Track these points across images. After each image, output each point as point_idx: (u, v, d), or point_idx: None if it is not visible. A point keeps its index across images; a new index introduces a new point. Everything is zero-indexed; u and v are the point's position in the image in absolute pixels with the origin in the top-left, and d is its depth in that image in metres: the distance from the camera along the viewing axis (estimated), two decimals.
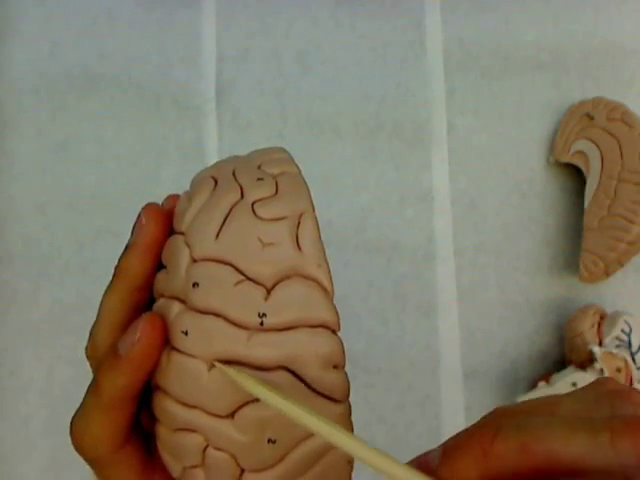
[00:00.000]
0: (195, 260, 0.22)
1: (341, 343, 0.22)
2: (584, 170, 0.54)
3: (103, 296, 0.25)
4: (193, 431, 0.22)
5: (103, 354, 0.23)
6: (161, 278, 0.24)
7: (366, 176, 0.56)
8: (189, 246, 0.23)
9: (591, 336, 0.51)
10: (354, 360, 0.54)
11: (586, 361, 0.50)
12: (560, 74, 0.58)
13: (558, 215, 0.57)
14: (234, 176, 0.24)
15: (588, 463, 0.18)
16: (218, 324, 0.21)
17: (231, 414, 0.22)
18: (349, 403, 0.23)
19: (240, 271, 0.22)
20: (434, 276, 0.55)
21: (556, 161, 0.56)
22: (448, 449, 0.20)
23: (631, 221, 0.50)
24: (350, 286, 0.55)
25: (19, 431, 0.53)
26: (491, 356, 0.55)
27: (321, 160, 0.56)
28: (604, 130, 0.53)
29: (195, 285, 0.22)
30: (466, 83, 0.57)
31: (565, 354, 0.53)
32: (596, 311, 0.52)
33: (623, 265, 0.52)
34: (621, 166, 0.52)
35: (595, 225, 0.52)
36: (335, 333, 0.22)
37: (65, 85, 0.56)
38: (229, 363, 0.21)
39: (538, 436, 0.18)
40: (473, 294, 0.55)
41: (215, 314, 0.22)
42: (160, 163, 0.56)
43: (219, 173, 0.24)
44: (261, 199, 0.23)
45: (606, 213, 0.52)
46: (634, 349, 0.50)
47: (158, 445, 0.24)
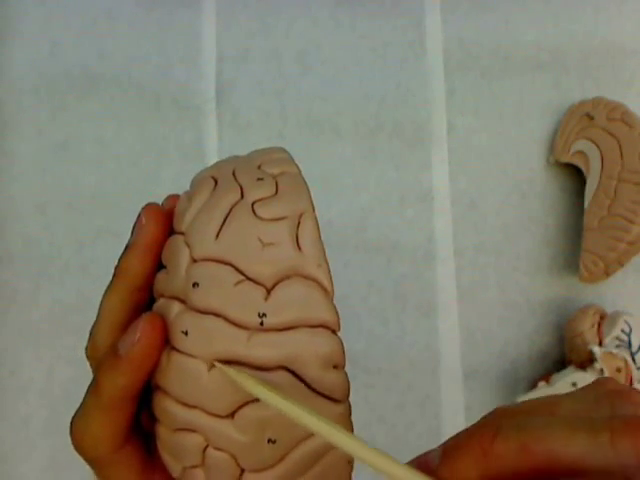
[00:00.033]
0: (195, 260, 0.22)
1: (341, 343, 0.22)
2: (584, 170, 0.54)
3: (103, 296, 0.25)
4: (193, 431, 0.22)
5: (103, 354, 0.24)
6: (161, 278, 0.24)
7: (366, 176, 0.56)
8: (189, 246, 0.23)
9: (591, 336, 0.51)
10: (354, 360, 0.54)
11: (586, 361, 0.50)
12: (560, 74, 0.58)
13: (558, 215, 0.57)
14: (234, 176, 0.24)
15: (588, 463, 0.18)
16: (218, 324, 0.21)
17: (231, 414, 0.22)
18: (349, 403, 0.23)
19: (240, 271, 0.22)
20: (434, 276, 0.55)
21: (556, 161, 0.56)
22: (448, 449, 0.20)
23: (631, 221, 0.50)
24: (350, 286, 0.55)
25: (19, 431, 0.53)
26: (491, 356, 0.55)
27: (321, 160, 0.56)
28: (604, 130, 0.53)
29: (195, 285, 0.22)
30: (466, 83, 0.57)
31: (565, 354, 0.53)
32: (596, 311, 0.52)
33: (623, 265, 0.52)
34: (621, 166, 0.52)
35: (595, 225, 0.52)
36: (335, 333, 0.22)
37: (65, 85, 0.56)
38: (229, 363, 0.21)
39: (538, 436, 0.18)
40: (473, 294, 0.55)
41: (215, 314, 0.22)
42: (160, 163, 0.56)
43: (219, 173, 0.24)
44: (261, 199, 0.23)
45: (606, 213, 0.52)
46: (634, 349, 0.50)
47: (158, 445, 0.24)
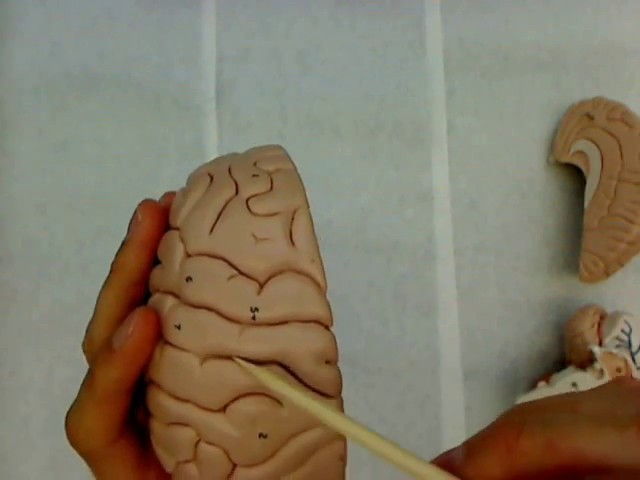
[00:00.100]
0: (189, 255, 0.23)
1: (334, 338, 0.22)
2: (584, 170, 0.54)
3: (100, 291, 0.25)
4: (185, 425, 0.22)
5: (98, 348, 0.24)
6: (156, 273, 0.24)
7: (366, 176, 0.56)
8: (184, 241, 0.23)
9: (591, 336, 0.50)
10: (354, 360, 0.54)
11: (586, 361, 0.50)
12: (560, 74, 0.58)
13: (558, 215, 0.56)
14: (230, 172, 0.24)
15: (614, 461, 0.17)
16: (211, 318, 0.21)
17: (223, 408, 0.22)
18: (341, 398, 0.23)
19: (233, 266, 0.22)
20: (434, 276, 0.55)
21: (556, 161, 0.56)
22: (471, 447, 0.20)
23: (631, 221, 0.50)
24: (350, 286, 0.55)
25: (19, 431, 0.53)
26: (491, 356, 0.55)
27: (321, 160, 0.56)
28: (604, 130, 0.53)
29: (189, 279, 0.22)
30: (466, 83, 0.57)
31: (565, 354, 0.53)
32: (596, 311, 0.52)
33: (623, 265, 0.51)
34: (621, 166, 0.51)
35: (595, 225, 0.52)
36: (328, 328, 0.22)
37: (65, 85, 0.56)
38: (222, 357, 0.21)
39: (564, 432, 0.18)
40: (473, 294, 0.55)
41: (208, 308, 0.22)
42: (160, 163, 0.56)
43: (215, 170, 0.25)
44: (255, 195, 0.23)
45: (606, 213, 0.52)
46: (634, 349, 0.49)
47: (152, 440, 0.24)
